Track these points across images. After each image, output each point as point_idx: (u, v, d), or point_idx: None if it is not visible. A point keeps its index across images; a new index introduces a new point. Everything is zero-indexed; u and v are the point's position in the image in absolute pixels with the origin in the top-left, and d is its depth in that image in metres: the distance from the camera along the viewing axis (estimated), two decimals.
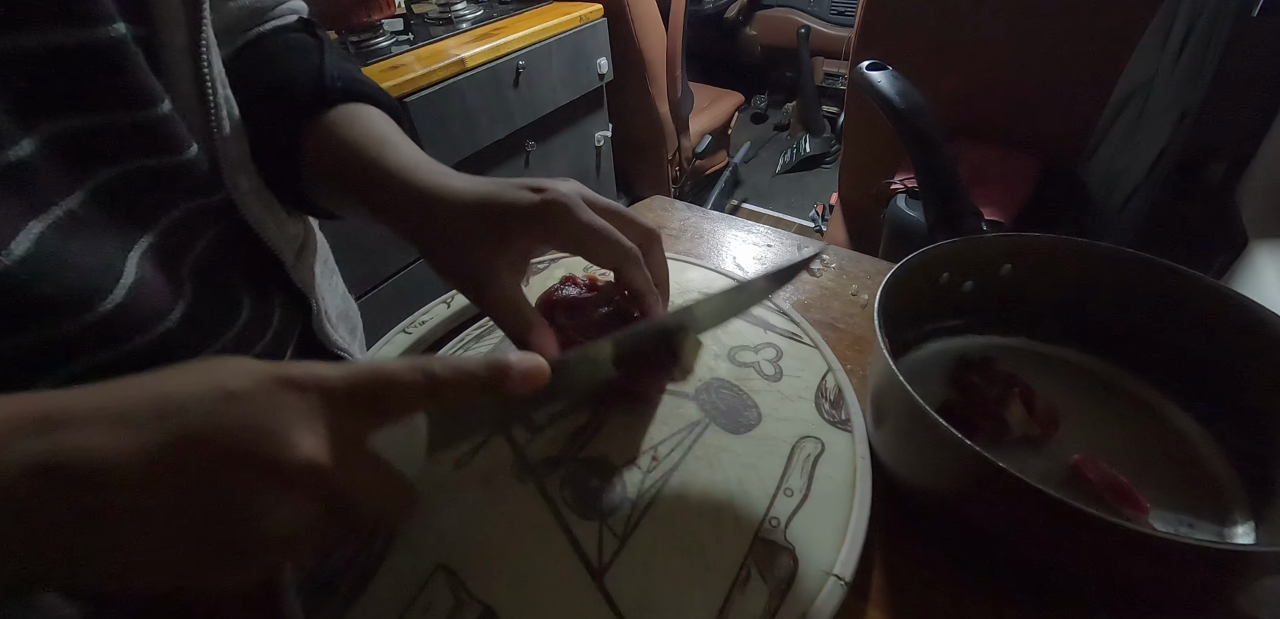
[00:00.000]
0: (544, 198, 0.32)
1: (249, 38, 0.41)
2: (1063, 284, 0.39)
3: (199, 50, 0.33)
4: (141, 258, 0.32)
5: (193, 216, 0.35)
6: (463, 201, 0.33)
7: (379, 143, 0.36)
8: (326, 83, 0.39)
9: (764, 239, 0.58)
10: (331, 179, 0.38)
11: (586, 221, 0.32)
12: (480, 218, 0.33)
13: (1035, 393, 0.36)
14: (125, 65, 0.29)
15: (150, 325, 0.32)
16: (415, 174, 0.34)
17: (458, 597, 0.28)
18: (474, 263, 0.33)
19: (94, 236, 0.29)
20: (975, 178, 0.89)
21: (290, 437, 0.20)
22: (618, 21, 1.61)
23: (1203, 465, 0.34)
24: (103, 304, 0.29)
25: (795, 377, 0.39)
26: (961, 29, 0.98)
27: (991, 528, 0.28)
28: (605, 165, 1.81)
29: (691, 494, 0.32)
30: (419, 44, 1.28)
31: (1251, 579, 0.24)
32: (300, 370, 0.22)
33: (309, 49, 0.41)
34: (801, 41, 2.41)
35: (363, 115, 0.39)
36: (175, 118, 0.32)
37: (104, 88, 0.29)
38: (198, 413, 0.19)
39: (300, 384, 0.21)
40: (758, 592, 0.28)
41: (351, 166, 0.36)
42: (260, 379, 0.21)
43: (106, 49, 0.29)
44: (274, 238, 0.40)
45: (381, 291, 1.23)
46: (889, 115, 0.67)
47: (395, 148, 0.36)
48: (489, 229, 0.33)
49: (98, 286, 0.29)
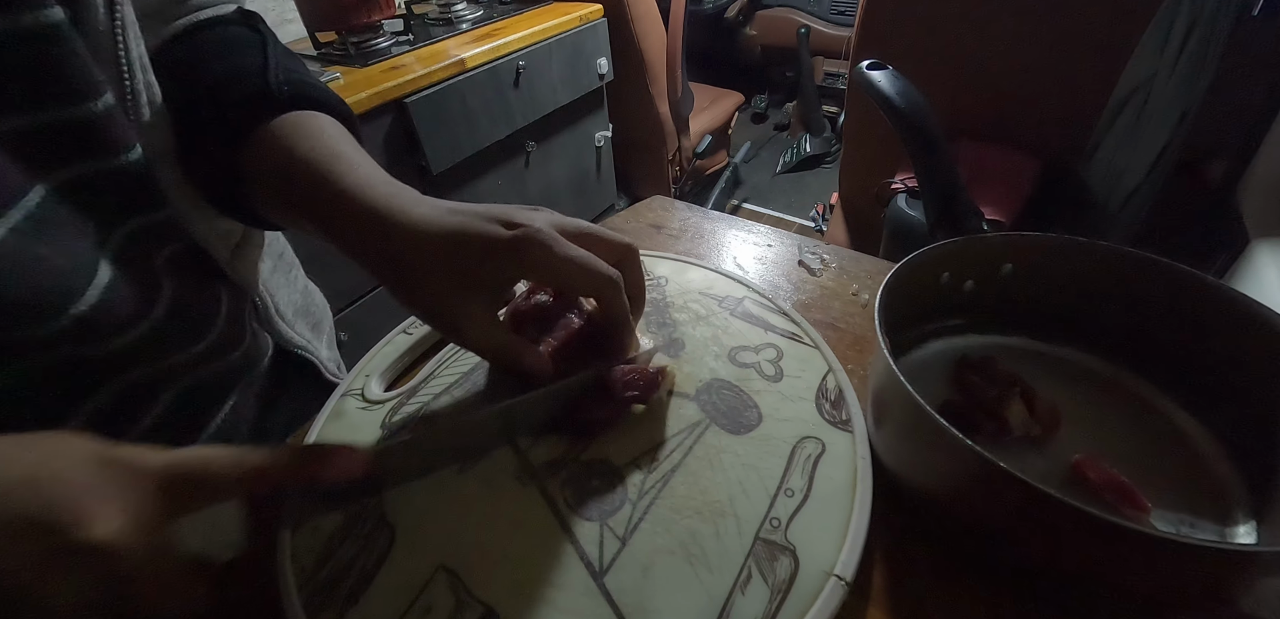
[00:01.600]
0: (517, 235, 0.30)
1: (179, 27, 0.37)
2: (1063, 284, 0.39)
3: (114, 29, 0.31)
4: (114, 255, 0.31)
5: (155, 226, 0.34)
6: (428, 235, 0.30)
7: (331, 158, 0.33)
8: (271, 85, 0.35)
9: (764, 239, 0.58)
10: (277, 193, 0.34)
11: (563, 256, 0.30)
12: (449, 256, 0.30)
13: (1036, 393, 0.36)
14: (62, 53, 0.28)
15: (133, 323, 0.31)
16: (371, 197, 0.31)
17: (459, 597, 0.28)
18: (445, 305, 0.31)
19: (63, 237, 0.28)
20: (975, 178, 0.89)
21: (89, 517, 0.20)
22: (618, 21, 1.61)
23: (1203, 465, 0.34)
24: (77, 305, 0.28)
25: (796, 377, 0.39)
26: (961, 29, 0.98)
27: (992, 528, 0.28)
28: (605, 165, 1.81)
29: (692, 495, 0.32)
30: (419, 44, 1.28)
31: (1253, 579, 0.24)
32: (125, 452, 0.22)
33: (250, 45, 0.38)
34: (801, 41, 2.41)
35: (312, 124, 0.35)
36: (116, 115, 0.30)
37: (43, 79, 0.28)
38: (3, 491, 0.20)
39: (120, 464, 0.22)
40: (758, 592, 0.28)
41: (299, 182, 0.32)
42: (83, 460, 0.22)
43: (41, 35, 0.27)
44: (203, 234, 0.37)
45: (380, 294, 1.22)
46: (889, 115, 0.67)
47: (350, 164, 0.33)
48: (460, 269, 0.30)
49: (71, 287, 0.28)
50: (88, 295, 0.29)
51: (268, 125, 0.34)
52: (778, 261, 0.55)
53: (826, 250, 0.55)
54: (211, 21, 0.38)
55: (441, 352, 0.44)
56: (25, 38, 0.26)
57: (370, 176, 0.32)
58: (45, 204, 0.28)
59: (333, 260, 0.54)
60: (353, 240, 0.31)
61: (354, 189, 0.31)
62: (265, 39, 0.38)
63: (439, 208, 0.31)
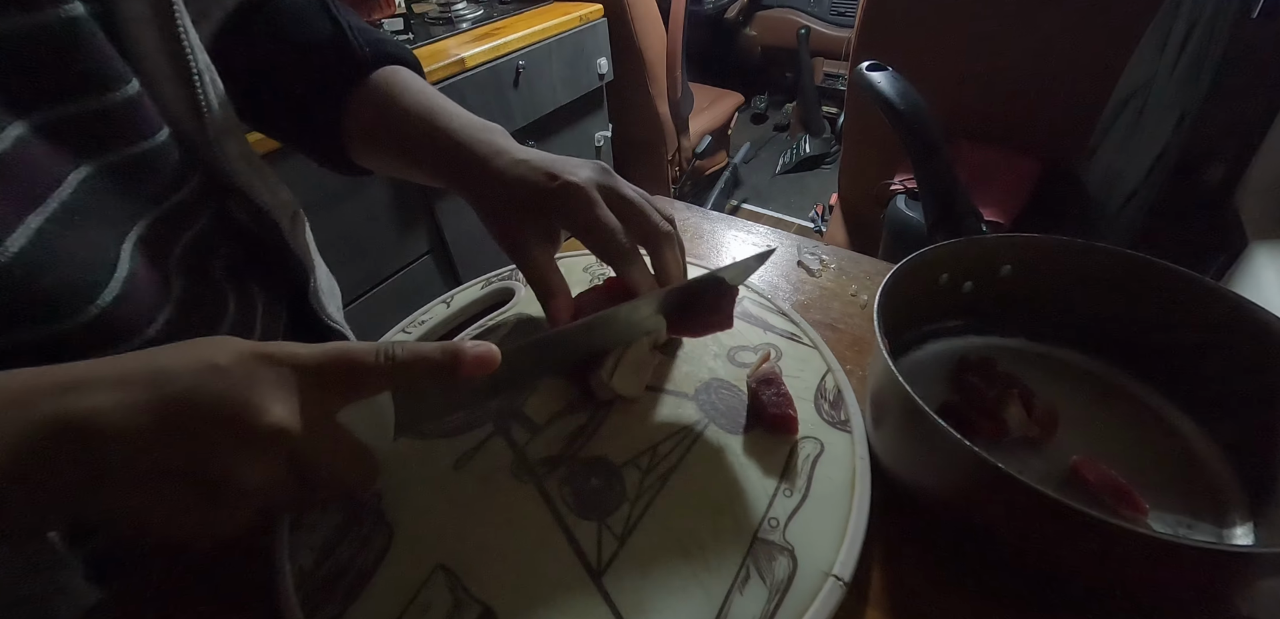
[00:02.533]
0: (556, 185, 0.35)
1: (234, 5, 0.41)
2: (1063, 284, 0.39)
3: (171, 15, 0.33)
4: (133, 249, 0.32)
5: (173, 213, 0.35)
6: (504, 179, 0.36)
7: (429, 112, 0.39)
8: (355, 47, 0.40)
9: (764, 239, 0.58)
10: (383, 145, 0.40)
11: (590, 214, 0.34)
12: (514, 196, 0.36)
13: (1034, 394, 0.36)
14: (82, 46, 0.29)
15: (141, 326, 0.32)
16: (471, 144, 0.37)
17: (456, 596, 0.28)
18: (511, 234, 0.36)
19: (88, 228, 0.30)
20: (975, 178, 0.89)
21: (264, 404, 0.22)
22: (618, 21, 1.61)
23: (1202, 466, 0.34)
24: (99, 299, 0.29)
25: (795, 377, 0.39)
26: (961, 29, 0.98)
27: (991, 529, 0.28)
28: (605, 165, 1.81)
29: (690, 494, 0.32)
30: (419, 44, 1.28)
31: (1250, 580, 0.24)
32: (278, 348, 0.24)
33: (317, 12, 0.42)
34: (801, 42, 2.41)
35: (402, 81, 0.41)
36: (142, 99, 0.33)
37: (66, 73, 0.29)
38: (185, 382, 0.22)
39: (277, 359, 0.24)
40: (757, 592, 0.28)
41: (405, 135, 0.39)
42: (242, 354, 0.23)
43: (61, 31, 0.28)
44: (268, 201, 0.41)
45: (381, 291, 1.22)
46: (889, 115, 0.67)
47: (446, 117, 0.39)
48: (520, 208, 0.36)
49: (94, 280, 0.29)
50: (110, 287, 0.30)
51: (365, 83, 0.40)
52: (777, 262, 0.55)
53: (826, 251, 0.55)
54: None
55: None
56: (48, 32, 0.28)
57: (465, 124, 0.38)
58: (77, 193, 0.29)
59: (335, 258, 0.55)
60: (453, 180, 0.38)
61: (455, 138, 0.37)
62: (325, 3, 0.42)
63: (512, 157, 0.37)
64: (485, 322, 0.46)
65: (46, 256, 0.27)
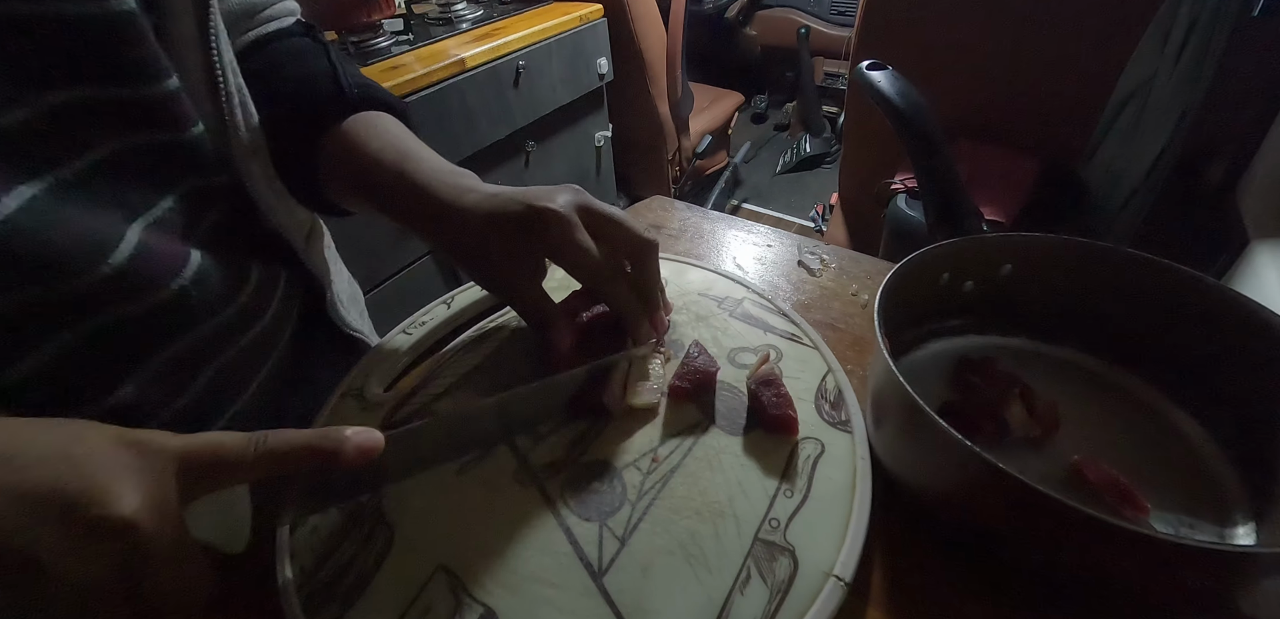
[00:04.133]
0: (533, 213, 0.34)
1: (250, 40, 0.42)
2: (1063, 284, 0.39)
3: (208, 38, 0.35)
4: (145, 229, 0.32)
5: (197, 194, 0.36)
6: (477, 218, 0.36)
7: (401, 156, 0.38)
8: (344, 88, 0.41)
9: (764, 239, 0.58)
10: (354, 187, 0.40)
11: (566, 239, 0.34)
12: (491, 235, 0.35)
13: (1035, 393, 0.36)
14: (133, 38, 0.31)
15: (163, 281, 0.33)
16: (437, 190, 0.37)
17: (458, 598, 0.28)
18: (496, 274, 0.37)
19: (93, 205, 0.30)
20: (975, 178, 0.89)
21: (110, 494, 0.21)
22: (618, 21, 1.61)
23: (1203, 466, 0.34)
24: (103, 266, 0.30)
25: (795, 378, 0.39)
26: (961, 29, 0.98)
27: (991, 529, 0.28)
28: (605, 165, 1.81)
29: (691, 495, 0.32)
30: (419, 44, 1.28)
31: (1252, 580, 0.24)
32: (143, 435, 0.23)
33: (317, 54, 0.43)
34: (801, 41, 2.41)
35: (380, 125, 0.41)
36: (181, 95, 0.34)
37: (111, 60, 0.30)
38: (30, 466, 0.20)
39: (138, 445, 0.23)
40: (758, 592, 0.28)
41: (375, 177, 0.38)
42: (103, 441, 0.22)
43: (115, 21, 0.30)
44: (284, 222, 0.42)
45: (381, 291, 1.22)
46: (889, 115, 0.67)
47: (416, 161, 0.38)
48: (500, 244, 0.36)
49: (97, 250, 0.30)
50: (113, 259, 0.30)
51: (343, 124, 0.40)
52: (777, 262, 0.55)
53: (826, 251, 0.55)
54: (278, 33, 0.44)
55: (441, 351, 0.44)
56: (99, 21, 0.29)
57: (435, 170, 0.38)
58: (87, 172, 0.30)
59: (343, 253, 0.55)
60: (421, 227, 0.38)
61: (422, 185, 0.37)
62: (326, 47, 0.44)
63: (482, 194, 0.36)
64: (485, 323, 0.46)
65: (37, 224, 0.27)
